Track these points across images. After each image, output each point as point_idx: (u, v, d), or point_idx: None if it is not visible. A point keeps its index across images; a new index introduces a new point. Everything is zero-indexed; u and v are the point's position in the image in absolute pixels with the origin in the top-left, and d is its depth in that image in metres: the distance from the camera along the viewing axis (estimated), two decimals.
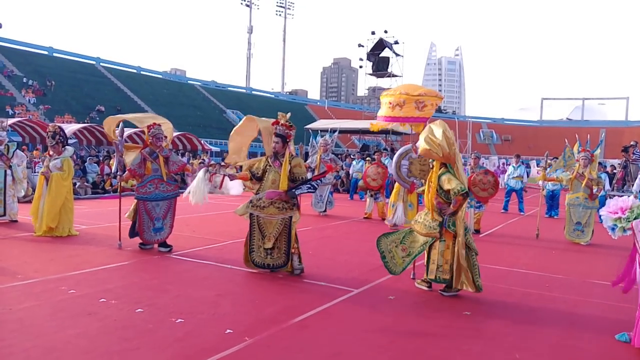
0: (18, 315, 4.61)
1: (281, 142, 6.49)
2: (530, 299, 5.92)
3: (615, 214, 4.40)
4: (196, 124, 48.54)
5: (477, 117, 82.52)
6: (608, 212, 4.47)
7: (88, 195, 15.66)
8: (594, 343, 4.58)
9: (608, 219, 4.47)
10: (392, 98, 8.78)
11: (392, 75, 53.48)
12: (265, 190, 6.39)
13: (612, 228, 4.45)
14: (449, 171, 5.73)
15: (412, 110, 8.56)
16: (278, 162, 6.49)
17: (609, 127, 64.17)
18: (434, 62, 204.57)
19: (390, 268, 5.89)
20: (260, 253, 6.40)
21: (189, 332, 4.35)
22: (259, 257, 6.41)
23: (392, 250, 5.94)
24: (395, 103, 8.68)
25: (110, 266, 6.61)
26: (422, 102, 8.57)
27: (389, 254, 5.93)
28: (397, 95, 8.77)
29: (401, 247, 5.94)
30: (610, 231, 4.49)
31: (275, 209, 6.33)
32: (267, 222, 6.36)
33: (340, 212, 13.25)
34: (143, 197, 7.54)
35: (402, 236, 6.01)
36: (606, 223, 4.52)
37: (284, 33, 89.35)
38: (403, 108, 8.60)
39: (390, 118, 8.82)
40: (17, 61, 45.79)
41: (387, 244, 6.00)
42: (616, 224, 4.39)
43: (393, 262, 5.90)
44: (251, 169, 6.63)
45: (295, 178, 6.42)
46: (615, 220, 4.40)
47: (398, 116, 8.61)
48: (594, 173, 10.04)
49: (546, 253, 8.94)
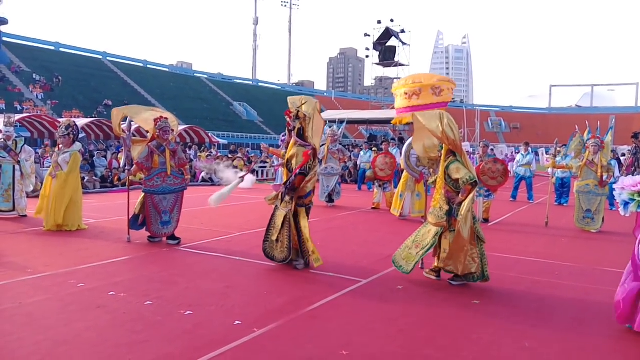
0: (28, 309, 4.63)
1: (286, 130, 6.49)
2: (540, 287, 5.89)
3: (635, 187, 4.34)
4: (203, 117, 48.61)
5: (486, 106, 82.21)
6: (625, 186, 4.41)
7: (96, 190, 15.73)
8: (604, 331, 4.54)
9: (624, 193, 4.41)
10: (407, 88, 8.70)
11: (399, 64, 53.30)
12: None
13: (627, 203, 4.39)
14: (457, 160, 5.68)
15: (430, 97, 8.49)
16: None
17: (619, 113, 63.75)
18: (441, 50, 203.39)
19: (404, 269, 5.84)
20: (271, 243, 6.41)
21: (198, 324, 4.36)
22: (270, 247, 6.41)
23: (406, 257, 5.90)
24: (412, 92, 8.61)
25: (119, 259, 6.64)
26: (439, 88, 8.51)
27: (404, 262, 5.89)
28: (411, 84, 8.70)
29: (414, 245, 5.90)
30: (623, 207, 4.43)
31: (281, 202, 6.33)
32: (278, 214, 6.36)
33: (348, 203, 13.23)
34: (150, 191, 7.56)
35: (413, 237, 5.99)
36: (620, 197, 4.45)
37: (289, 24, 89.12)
38: (420, 96, 8.53)
39: (410, 108, 8.72)
40: (24, 57, 45.99)
41: (401, 254, 5.98)
42: (633, 197, 4.33)
43: (408, 263, 5.86)
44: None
45: (290, 169, 6.37)
46: (633, 194, 4.34)
47: (417, 105, 8.53)
48: (605, 160, 9.95)
49: (556, 241, 8.89)
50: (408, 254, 5.88)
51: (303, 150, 6.21)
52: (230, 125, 50.72)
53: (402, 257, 5.94)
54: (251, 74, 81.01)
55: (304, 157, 6.16)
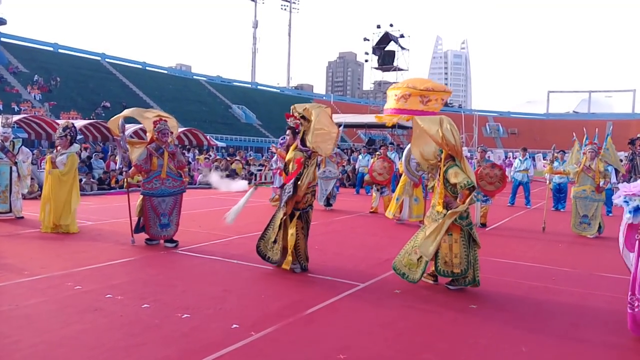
0: (25, 311, 4.62)
1: (291, 134, 6.48)
2: (537, 292, 5.90)
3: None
4: (202, 119, 48.56)
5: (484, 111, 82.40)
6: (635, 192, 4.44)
7: (94, 192, 15.70)
8: (601, 335, 4.55)
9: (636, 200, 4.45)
10: (399, 91, 8.75)
11: (397, 69, 53.40)
12: None
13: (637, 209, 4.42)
14: (456, 165, 5.70)
15: (416, 103, 8.53)
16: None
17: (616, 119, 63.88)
18: (440, 55, 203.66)
19: (410, 278, 5.82)
20: (266, 243, 6.41)
21: (195, 327, 4.35)
22: (264, 246, 6.43)
23: (407, 263, 5.89)
24: (401, 95, 8.65)
25: (116, 262, 6.62)
26: (427, 97, 8.53)
27: (406, 268, 5.89)
28: (404, 88, 8.74)
29: (413, 250, 5.89)
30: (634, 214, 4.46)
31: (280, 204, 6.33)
32: (277, 216, 6.37)
33: (346, 207, 13.24)
34: (149, 193, 7.55)
35: (412, 242, 5.98)
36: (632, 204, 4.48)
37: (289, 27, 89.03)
38: (408, 101, 8.57)
39: (395, 110, 8.78)
40: (22, 58, 45.93)
41: (402, 260, 5.96)
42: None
43: (412, 271, 5.84)
44: None
45: (287, 171, 6.36)
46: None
47: (402, 108, 8.57)
48: (601, 166, 9.97)
49: (553, 246, 8.90)
50: (409, 261, 5.88)
51: (299, 156, 6.18)
52: (228, 128, 50.70)
53: (403, 263, 5.93)
54: (250, 77, 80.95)
55: (296, 164, 6.16)
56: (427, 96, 8.53)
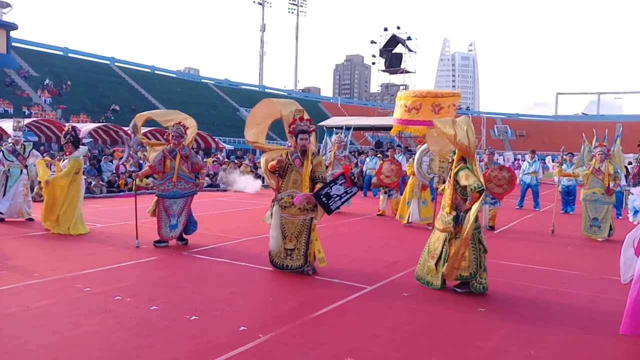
0: (35, 312, 4.66)
1: (308, 137, 6.35)
2: (546, 295, 5.87)
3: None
4: (210, 123, 48.75)
5: (492, 113, 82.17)
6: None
7: (103, 194, 15.78)
8: (610, 339, 4.52)
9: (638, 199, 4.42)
10: (407, 100, 8.74)
11: (405, 71, 53.30)
12: (287, 190, 6.32)
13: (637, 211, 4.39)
14: (467, 167, 5.69)
15: (429, 114, 8.52)
16: (299, 161, 6.32)
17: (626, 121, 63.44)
18: (447, 57, 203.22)
19: (434, 285, 5.83)
20: (280, 254, 6.38)
21: (204, 329, 4.37)
22: (278, 257, 6.40)
23: (428, 271, 5.90)
24: (412, 106, 8.65)
25: (125, 264, 6.66)
26: (439, 105, 8.53)
27: (429, 276, 5.90)
28: (412, 97, 8.73)
29: (430, 256, 5.91)
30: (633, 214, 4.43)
31: (297, 210, 6.27)
32: (289, 222, 6.33)
33: (353, 209, 13.22)
34: (162, 195, 7.70)
35: (426, 249, 6.00)
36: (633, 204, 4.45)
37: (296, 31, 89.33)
38: (420, 111, 8.57)
39: (407, 121, 8.78)
40: (32, 62, 46.36)
41: (422, 269, 5.99)
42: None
43: (434, 277, 5.86)
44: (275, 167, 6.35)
45: (316, 177, 6.32)
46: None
47: (415, 119, 8.57)
48: (612, 168, 9.91)
49: (562, 249, 8.86)
50: (429, 268, 5.89)
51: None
52: (236, 131, 50.69)
53: (424, 272, 5.95)
54: (258, 80, 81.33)
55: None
56: (438, 104, 8.53)
